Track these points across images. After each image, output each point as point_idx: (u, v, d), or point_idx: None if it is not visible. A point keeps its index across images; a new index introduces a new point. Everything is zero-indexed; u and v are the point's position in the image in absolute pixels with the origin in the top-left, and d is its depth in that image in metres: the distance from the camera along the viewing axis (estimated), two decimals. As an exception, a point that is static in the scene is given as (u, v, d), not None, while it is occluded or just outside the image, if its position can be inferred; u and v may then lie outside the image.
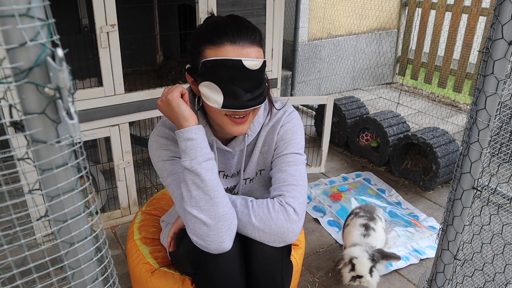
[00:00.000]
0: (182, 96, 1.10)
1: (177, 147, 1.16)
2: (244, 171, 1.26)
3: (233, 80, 1.03)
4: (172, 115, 1.09)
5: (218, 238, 1.05)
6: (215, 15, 1.13)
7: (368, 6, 4.14)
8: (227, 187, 1.28)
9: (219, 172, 1.25)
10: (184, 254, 1.23)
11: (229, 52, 1.02)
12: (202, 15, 2.06)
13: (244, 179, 1.27)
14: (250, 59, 1.02)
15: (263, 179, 1.29)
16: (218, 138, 1.21)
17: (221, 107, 1.05)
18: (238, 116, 1.09)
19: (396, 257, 1.64)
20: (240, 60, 1.01)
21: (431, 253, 2.06)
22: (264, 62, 1.07)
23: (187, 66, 1.13)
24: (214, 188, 1.06)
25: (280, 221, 1.07)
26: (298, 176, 1.15)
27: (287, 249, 1.22)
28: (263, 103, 1.20)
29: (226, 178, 1.27)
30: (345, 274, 1.63)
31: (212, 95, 1.04)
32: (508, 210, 2.32)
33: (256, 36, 1.06)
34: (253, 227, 1.08)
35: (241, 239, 1.15)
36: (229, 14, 1.10)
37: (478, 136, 1.08)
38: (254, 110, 1.12)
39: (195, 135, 1.06)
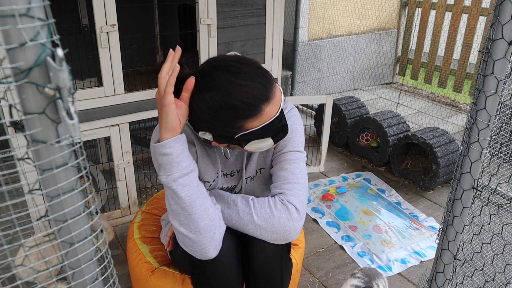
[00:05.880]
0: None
1: None
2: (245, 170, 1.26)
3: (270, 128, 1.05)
4: (160, 118, 1.02)
5: (201, 250, 1.06)
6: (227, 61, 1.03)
7: (368, 6, 4.14)
8: (228, 187, 1.27)
9: (220, 171, 1.25)
10: (181, 253, 1.23)
11: (270, 112, 1.01)
12: (202, 15, 2.06)
13: (245, 178, 1.27)
14: (279, 106, 1.03)
15: (263, 178, 1.29)
16: None
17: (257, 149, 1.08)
18: None
19: None
20: (277, 113, 1.03)
21: (431, 254, 2.06)
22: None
23: (208, 135, 1.06)
24: (192, 205, 1.04)
25: (283, 220, 1.07)
26: (299, 173, 1.15)
27: (287, 246, 1.22)
28: None
29: (226, 177, 1.26)
30: None
31: (254, 145, 1.06)
32: (508, 210, 2.32)
33: (271, 77, 1.04)
34: (255, 225, 1.09)
35: (239, 237, 1.15)
36: (236, 67, 1.00)
37: (478, 136, 1.08)
38: None
39: (171, 149, 1.00)
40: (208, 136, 1.06)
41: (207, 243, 1.06)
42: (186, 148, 1.05)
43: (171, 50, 1.00)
